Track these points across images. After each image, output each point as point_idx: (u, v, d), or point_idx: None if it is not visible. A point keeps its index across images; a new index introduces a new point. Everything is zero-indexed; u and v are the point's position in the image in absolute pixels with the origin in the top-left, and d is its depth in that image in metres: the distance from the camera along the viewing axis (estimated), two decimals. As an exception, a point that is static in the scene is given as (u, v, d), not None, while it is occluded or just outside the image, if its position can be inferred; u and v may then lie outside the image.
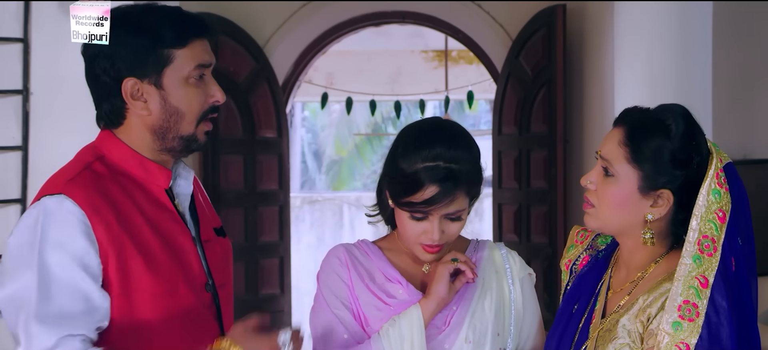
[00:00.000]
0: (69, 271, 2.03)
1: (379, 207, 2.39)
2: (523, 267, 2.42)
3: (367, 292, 2.31)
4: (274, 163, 6.95)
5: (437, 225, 2.24)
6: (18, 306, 2.03)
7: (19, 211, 3.53)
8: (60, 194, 2.08)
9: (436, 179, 2.20)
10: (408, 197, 2.22)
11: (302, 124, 15.46)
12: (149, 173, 2.19)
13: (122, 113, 2.18)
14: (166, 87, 2.15)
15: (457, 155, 2.22)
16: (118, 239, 2.08)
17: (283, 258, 6.98)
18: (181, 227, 2.21)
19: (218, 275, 2.27)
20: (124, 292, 2.08)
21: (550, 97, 6.27)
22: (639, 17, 4.50)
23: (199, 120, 2.19)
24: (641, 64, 4.51)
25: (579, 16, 6.33)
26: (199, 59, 2.17)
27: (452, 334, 2.28)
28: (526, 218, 6.54)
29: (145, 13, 2.16)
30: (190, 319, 2.17)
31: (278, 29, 7.09)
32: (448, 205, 2.22)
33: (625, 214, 2.17)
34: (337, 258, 2.35)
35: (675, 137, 2.13)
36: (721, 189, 2.11)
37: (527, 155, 6.52)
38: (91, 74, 2.20)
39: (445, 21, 7.36)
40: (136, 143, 2.19)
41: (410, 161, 2.23)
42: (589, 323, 2.23)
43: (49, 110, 3.54)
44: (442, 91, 10.59)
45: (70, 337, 2.01)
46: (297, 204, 11.04)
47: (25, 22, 3.53)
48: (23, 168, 3.54)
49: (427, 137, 2.25)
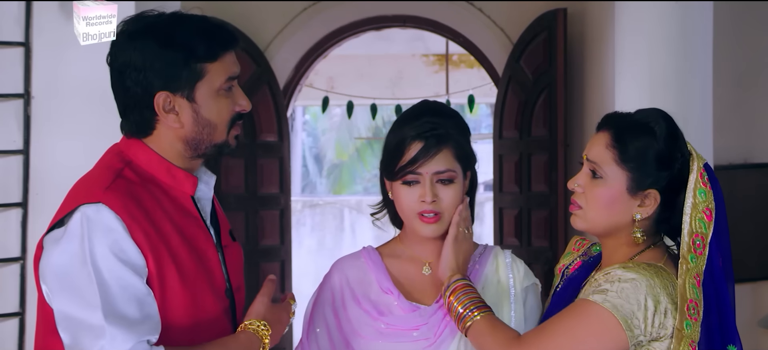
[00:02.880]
0: (124, 279, 2.02)
1: (383, 202, 2.43)
2: (528, 276, 2.42)
3: (358, 309, 2.36)
4: (275, 167, 6.95)
5: (429, 187, 2.28)
6: (78, 324, 2.00)
7: (20, 215, 3.53)
8: (99, 203, 2.05)
9: (419, 135, 2.28)
10: (397, 162, 2.29)
11: (303, 128, 15.46)
12: (176, 180, 2.19)
13: (152, 124, 2.17)
14: (198, 100, 2.15)
15: (441, 120, 2.30)
16: (155, 248, 2.08)
17: (284, 262, 6.97)
18: (205, 233, 2.21)
19: (235, 279, 2.29)
20: (160, 299, 2.08)
21: (551, 100, 6.28)
22: (640, 20, 4.50)
23: (229, 127, 2.20)
24: (642, 68, 4.50)
25: (579, 19, 6.33)
26: (229, 71, 2.18)
27: (442, 346, 2.30)
28: (527, 222, 6.54)
29: (176, 26, 2.14)
30: (212, 325, 2.18)
31: (279, 33, 7.09)
32: (433, 158, 2.27)
33: (613, 214, 2.23)
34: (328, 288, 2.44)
35: (660, 138, 2.21)
36: (706, 188, 2.20)
37: (528, 159, 6.52)
38: (120, 85, 2.16)
39: (446, 25, 7.36)
40: (165, 151, 2.19)
41: (397, 132, 2.32)
42: None
43: (50, 113, 3.54)
44: (443, 94, 10.59)
45: (141, 343, 1.99)
46: (298, 208, 11.04)
47: (26, 26, 3.53)
48: (24, 172, 3.54)
49: (412, 112, 2.35)
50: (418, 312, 2.33)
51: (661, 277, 2.15)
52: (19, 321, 3.51)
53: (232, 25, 2.35)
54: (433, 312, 2.32)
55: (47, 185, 3.50)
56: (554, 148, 6.26)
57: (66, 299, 2.02)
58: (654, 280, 2.13)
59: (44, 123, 3.54)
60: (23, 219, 3.53)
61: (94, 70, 3.50)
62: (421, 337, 2.30)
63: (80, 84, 3.53)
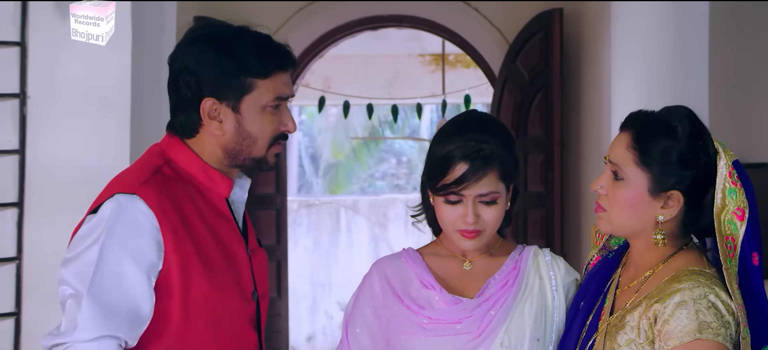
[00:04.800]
0: (126, 271, 2.08)
1: (423, 207, 2.42)
2: (569, 272, 2.41)
3: (399, 305, 2.33)
4: (271, 166, 6.94)
5: (471, 207, 2.26)
6: (71, 291, 2.07)
7: (16, 215, 3.52)
8: (134, 195, 2.11)
9: (466, 156, 2.25)
10: (441, 179, 2.27)
11: (299, 127, 15.46)
12: (212, 181, 2.24)
13: (196, 128, 2.23)
14: (242, 112, 2.20)
15: (487, 137, 2.27)
16: (182, 244, 2.13)
17: (280, 262, 6.97)
18: (237, 236, 2.26)
19: (260, 284, 2.32)
20: (183, 296, 2.13)
21: (547, 100, 6.28)
22: (636, 20, 4.51)
23: (270, 145, 2.24)
24: (638, 68, 4.51)
25: (576, 19, 6.33)
26: (279, 92, 2.22)
27: (487, 339, 2.28)
28: (524, 222, 6.54)
29: (235, 37, 2.21)
30: (236, 326, 2.23)
31: (275, 33, 7.07)
32: (478, 182, 2.25)
33: (636, 216, 2.19)
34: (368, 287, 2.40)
35: (681, 138, 2.16)
36: (736, 188, 2.14)
37: (524, 159, 6.52)
38: (175, 85, 2.22)
39: (443, 25, 7.36)
40: (205, 155, 2.24)
41: (443, 146, 2.29)
42: (598, 318, 2.25)
43: (46, 113, 3.54)
44: (440, 94, 10.59)
45: (110, 338, 2.05)
46: (294, 208, 11.03)
47: (22, 25, 3.52)
48: (20, 172, 3.53)
49: (459, 124, 2.33)
50: (461, 305, 2.31)
51: (718, 285, 2.11)
52: (15, 321, 3.51)
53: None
54: (476, 305, 2.30)
55: (43, 185, 3.50)
56: (551, 148, 6.26)
57: (70, 263, 2.10)
58: (714, 289, 2.10)
59: (40, 123, 3.54)
60: (19, 219, 3.52)
61: (90, 69, 3.52)
62: (464, 330, 2.28)
63: (76, 84, 3.53)
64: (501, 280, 2.35)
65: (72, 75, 3.53)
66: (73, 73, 3.53)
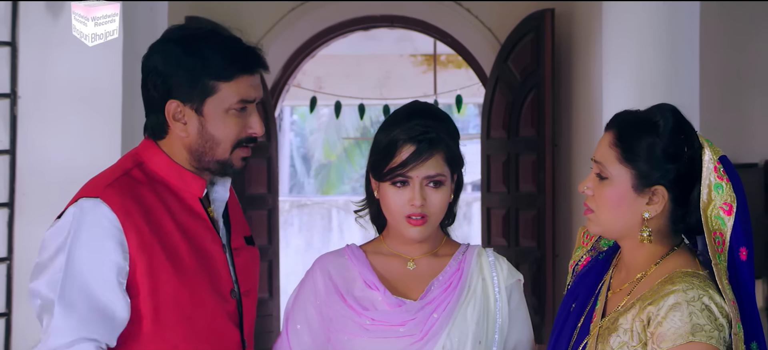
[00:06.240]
0: (95, 275, 2.09)
1: (367, 201, 2.41)
2: (512, 273, 2.41)
3: (342, 305, 2.33)
4: (262, 167, 6.94)
5: (418, 190, 2.27)
6: (43, 300, 2.09)
7: (6, 215, 3.51)
8: (97, 198, 2.12)
9: (412, 138, 2.27)
10: (388, 164, 2.28)
11: (291, 128, 15.45)
12: (184, 182, 2.24)
13: (164, 129, 2.23)
14: (205, 115, 2.20)
15: (432, 123, 2.30)
16: (148, 245, 2.13)
17: (271, 262, 6.97)
18: (212, 234, 2.25)
19: (244, 282, 2.32)
20: (151, 296, 2.14)
21: (539, 101, 6.29)
22: (627, 20, 4.51)
23: (235, 147, 2.25)
24: (629, 68, 4.52)
25: (567, 19, 6.34)
26: (243, 94, 2.22)
27: (430, 342, 2.28)
28: (515, 222, 6.54)
29: (203, 40, 2.21)
30: (213, 324, 2.23)
31: (267, 33, 7.08)
32: (425, 163, 2.26)
33: (622, 214, 2.19)
34: (311, 284, 2.39)
35: (663, 133, 2.16)
36: (723, 182, 2.14)
37: (516, 159, 6.53)
38: (145, 86, 2.23)
39: (434, 25, 7.36)
40: (176, 156, 2.24)
41: (388, 132, 2.31)
42: (590, 321, 2.24)
43: (36, 113, 3.53)
44: (431, 95, 10.59)
45: (87, 341, 2.07)
46: (286, 208, 11.04)
47: (12, 25, 3.51)
48: (11, 172, 3.53)
49: (404, 113, 2.35)
50: (404, 307, 2.30)
51: (711, 287, 2.11)
52: (5, 321, 3.50)
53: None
54: (419, 308, 2.30)
55: (34, 185, 3.50)
56: (542, 148, 6.27)
57: (40, 275, 2.12)
58: (708, 291, 2.09)
59: (31, 123, 3.53)
60: (9, 219, 3.51)
61: (81, 69, 3.51)
62: (406, 333, 2.28)
63: (67, 84, 3.52)
64: (444, 282, 2.35)
65: (63, 75, 3.53)
66: (64, 73, 3.52)
